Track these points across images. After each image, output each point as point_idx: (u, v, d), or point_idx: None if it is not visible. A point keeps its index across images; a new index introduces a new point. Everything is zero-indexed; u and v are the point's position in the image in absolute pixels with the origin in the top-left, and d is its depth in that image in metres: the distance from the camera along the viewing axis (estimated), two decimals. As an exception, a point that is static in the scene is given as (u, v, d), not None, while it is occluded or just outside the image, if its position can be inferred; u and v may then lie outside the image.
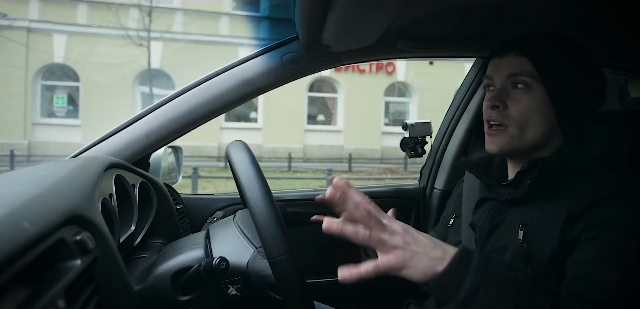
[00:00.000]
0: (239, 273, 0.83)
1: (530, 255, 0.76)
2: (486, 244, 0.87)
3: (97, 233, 0.59)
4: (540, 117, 0.83)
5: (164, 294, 0.80)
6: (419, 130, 1.55)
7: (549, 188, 0.80)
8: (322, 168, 11.75)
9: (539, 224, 0.77)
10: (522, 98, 0.83)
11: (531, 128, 0.83)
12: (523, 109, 0.83)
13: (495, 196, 0.89)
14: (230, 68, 1.16)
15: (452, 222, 1.05)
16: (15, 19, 12.36)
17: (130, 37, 12.47)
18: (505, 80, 0.86)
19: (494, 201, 0.89)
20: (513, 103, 0.84)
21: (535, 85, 0.83)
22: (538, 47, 0.85)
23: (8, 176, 0.65)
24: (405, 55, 1.28)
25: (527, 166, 0.82)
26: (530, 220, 0.78)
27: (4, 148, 11.13)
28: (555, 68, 0.83)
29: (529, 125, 0.83)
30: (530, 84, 0.83)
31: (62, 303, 0.45)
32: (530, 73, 0.83)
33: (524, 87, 0.83)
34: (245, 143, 0.85)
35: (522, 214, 0.80)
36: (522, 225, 0.78)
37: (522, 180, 0.83)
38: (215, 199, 1.50)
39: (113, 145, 1.12)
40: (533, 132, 0.84)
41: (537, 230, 0.77)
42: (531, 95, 0.83)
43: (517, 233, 0.78)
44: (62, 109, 13.48)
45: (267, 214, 0.74)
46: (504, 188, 0.89)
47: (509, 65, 0.85)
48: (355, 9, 0.85)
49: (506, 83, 0.86)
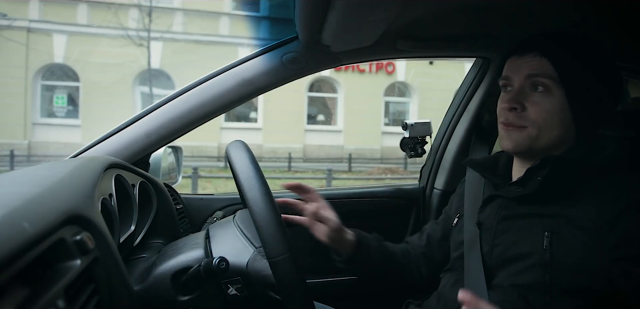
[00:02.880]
0: (238, 273, 0.82)
1: (552, 262, 0.76)
2: (496, 243, 0.86)
3: (97, 233, 0.59)
4: (558, 120, 0.82)
5: (163, 294, 0.80)
6: (419, 130, 1.55)
7: (560, 188, 0.79)
8: (322, 168, 11.75)
9: (567, 234, 0.76)
10: (541, 101, 0.82)
11: (549, 130, 0.82)
12: (542, 112, 0.82)
13: (503, 194, 0.89)
14: (230, 68, 1.16)
15: (456, 221, 1.05)
16: (15, 19, 12.36)
17: (130, 37, 12.47)
18: (524, 80, 0.84)
19: (502, 200, 0.89)
20: (532, 106, 0.83)
21: (555, 88, 0.81)
22: (560, 48, 0.83)
23: (8, 176, 0.65)
24: (405, 55, 1.28)
25: (539, 163, 0.82)
26: (557, 228, 0.77)
27: (4, 148, 11.13)
28: (576, 71, 0.82)
29: (547, 128, 0.82)
30: (550, 86, 0.81)
31: (62, 303, 0.45)
32: (550, 75, 0.81)
33: (544, 89, 0.82)
34: (245, 143, 0.85)
35: (545, 221, 0.79)
36: (549, 233, 0.77)
37: (532, 177, 0.83)
38: (215, 199, 1.50)
39: (113, 145, 1.12)
40: (550, 134, 0.83)
41: (565, 239, 0.76)
42: (550, 97, 0.81)
43: (542, 240, 0.77)
44: (62, 109, 13.48)
45: (267, 214, 0.74)
46: (512, 186, 0.88)
47: (528, 66, 0.83)
48: (355, 9, 0.85)
49: (525, 84, 0.84)
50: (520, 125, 0.84)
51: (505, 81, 0.88)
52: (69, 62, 12.97)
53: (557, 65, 0.81)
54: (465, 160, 1.07)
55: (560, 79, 0.81)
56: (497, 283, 0.84)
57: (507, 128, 0.86)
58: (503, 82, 0.89)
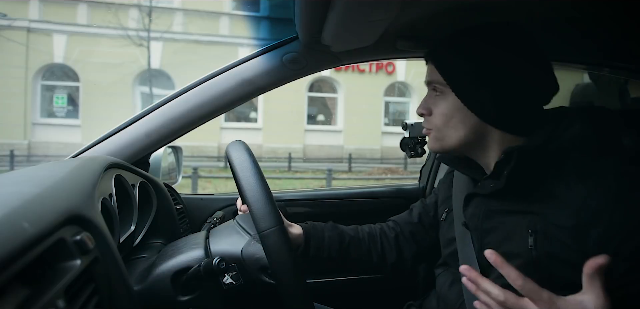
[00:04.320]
0: (234, 260, 0.84)
1: (538, 260, 0.75)
2: (484, 244, 0.86)
3: (97, 233, 0.59)
4: (458, 120, 0.84)
5: (163, 294, 0.80)
6: (419, 130, 1.55)
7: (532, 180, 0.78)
8: (322, 168, 11.75)
9: (548, 231, 0.75)
10: (440, 103, 0.87)
11: (452, 131, 0.85)
12: (440, 115, 0.86)
13: (480, 190, 0.88)
14: (230, 68, 1.16)
15: (445, 216, 1.03)
16: (15, 19, 12.36)
17: (130, 37, 12.46)
18: (428, 86, 0.90)
19: (481, 198, 0.88)
20: (435, 109, 0.88)
21: (447, 91, 0.85)
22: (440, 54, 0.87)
23: (8, 176, 0.65)
24: (405, 55, 1.28)
25: (503, 157, 0.80)
26: (539, 226, 0.76)
27: (4, 148, 11.13)
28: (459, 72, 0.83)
29: (449, 128, 0.85)
30: (443, 90, 0.86)
31: (62, 303, 0.45)
32: (440, 80, 0.86)
33: (440, 94, 0.87)
34: (244, 143, 0.85)
35: (528, 219, 0.78)
36: (532, 231, 0.76)
37: (501, 171, 0.81)
38: (215, 199, 1.50)
39: (113, 145, 1.12)
40: (454, 134, 0.85)
41: (548, 238, 0.75)
42: (445, 100, 0.85)
43: (526, 240, 0.77)
44: (62, 109, 13.48)
45: (257, 190, 0.77)
46: (487, 180, 0.87)
47: (428, 73, 0.90)
48: (355, 9, 0.85)
49: (429, 90, 0.90)
50: (428, 129, 0.90)
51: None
52: (69, 62, 12.97)
53: (441, 68, 0.85)
54: (439, 156, 1.06)
55: (447, 81, 0.84)
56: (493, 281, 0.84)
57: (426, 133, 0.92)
58: None
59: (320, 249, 1.02)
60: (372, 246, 1.09)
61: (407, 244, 1.11)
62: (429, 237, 1.10)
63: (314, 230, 1.03)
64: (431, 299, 1.06)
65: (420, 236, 1.11)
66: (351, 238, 1.07)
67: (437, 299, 1.01)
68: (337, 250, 1.04)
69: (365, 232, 1.11)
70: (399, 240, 1.11)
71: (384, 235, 1.12)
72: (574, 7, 1.05)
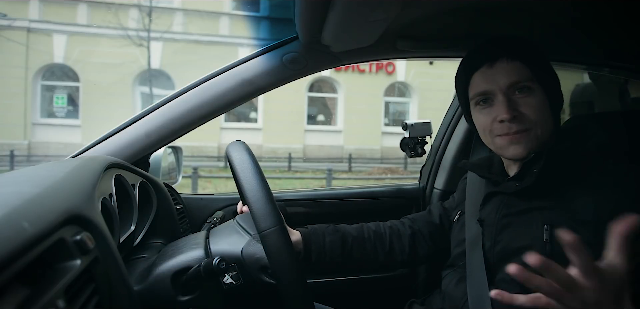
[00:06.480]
0: (234, 260, 0.84)
1: (552, 255, 0.76)
2: (498, 239, 0.87)
3: (97, 233, 0.59)
4: (547, 114, 0.86)
5: (163, 294, 0.80)
6: (419, 130, 1.55)
7: (557, 179, 0.81)
8: (322, 168, 11.75)
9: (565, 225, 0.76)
10: (529, 101, 0.86)
11: (545, 125, 0.86)
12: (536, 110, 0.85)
13: (503, 190, 0.90)
14: (230, 68, 1.16)
15: (457, 217, 1.06)
16: (15, 19, 12.36)
17: (130, 37, 12.46)
18: (508, 88, 0.86)
19: (502, 196, 0.90)
20: (525, 108, 0.86)
21: (535, 86, 0.86)
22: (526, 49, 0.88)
23: (8, 176, 0.65)
24: (405, 55, 1.28)
25: (533, 157, 0.84)
26: (556, 221, 0.78)
27: (4, 148, 11.13)
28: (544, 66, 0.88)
29: (544, 123, 0.86)
30: (531, 86, 0.86)
31: (62, 303, 0.45)
32: (528, 76, 0.85)
33: (528, 91, 0.86)
34: (244, 143, 0.85)
35: (544, 215, 0.81)
36: (548, 226, 0.79)
37: (528, 171, 0.85)
38: (215, 199, 1.50)
39: (113, 145, 1.12)
40: (546, 128, 0.86)
41: None
42: (534, 96, 0.86)
43: (542, 234, 0.79)
44: (62, 109, 13.48)
45: (258, 190, 0.77)
46: (510, 182, 0.90)
47: (506, 73, 0.86)
48: (355, 9, 0.85)
49: (509, 91, 0.87)
50: (524, 129, 0.85)
51: (484, 95, 0.90)
52: (69, 62, 12.97)
53: (530, 65, 0.86)
54: (462, 163, 1.09)
55: (536, 77, 0.86)
56: (500, 278, 0.85)
57: (511, 137, 0.87)
58: (480, 96, 0.91)
59: (322, 254, 1.01)
60: (379, 244, 1.08)
61: (424, 243, 1.12)
62: (446, 239, 1.11)
63: (314, 236, 1.02)
64: (435, 297, 1.07)
65: (438, 237, 1.12)
66: (354, 239, 1.07)
67: (442, 297, 1.02)
68: (340, 254, 1.04)
69: (371, 230, 1.10)
70: (416, 237, 1.11)
71: (396, 232, 1.12)
72: (574, 7, 1.05)
